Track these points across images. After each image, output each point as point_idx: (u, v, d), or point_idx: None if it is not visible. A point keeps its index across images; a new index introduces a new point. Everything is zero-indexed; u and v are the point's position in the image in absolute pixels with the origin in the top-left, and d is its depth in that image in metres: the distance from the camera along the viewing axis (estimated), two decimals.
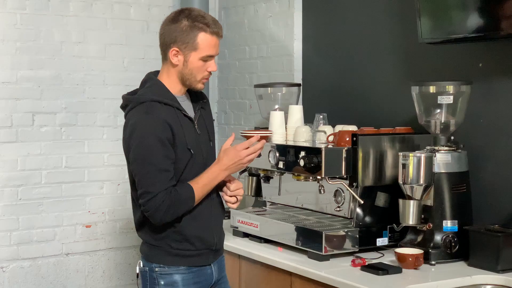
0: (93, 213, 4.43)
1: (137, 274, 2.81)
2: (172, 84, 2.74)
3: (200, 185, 2.69)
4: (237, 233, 3.52)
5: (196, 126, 2.76)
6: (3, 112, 4.12)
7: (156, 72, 2.83)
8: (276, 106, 3.76)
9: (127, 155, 2.71)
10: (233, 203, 2.81)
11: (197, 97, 2.85)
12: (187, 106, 2.78)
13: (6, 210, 4.15)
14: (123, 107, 2.78)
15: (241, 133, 3.55)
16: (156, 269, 2.72)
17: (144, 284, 2.77)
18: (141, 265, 2.78)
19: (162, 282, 2.72)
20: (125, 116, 2.75)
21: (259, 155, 2.84)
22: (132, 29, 4.51)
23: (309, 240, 3.07)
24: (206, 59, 2.71)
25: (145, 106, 2.66)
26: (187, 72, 2.72)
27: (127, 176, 2.79)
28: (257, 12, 4.39)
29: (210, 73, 2.76)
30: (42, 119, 4.24)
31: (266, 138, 2.85)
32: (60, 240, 4.33)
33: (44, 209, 4.26)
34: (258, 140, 2.77)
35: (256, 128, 3.64)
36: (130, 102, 2.72)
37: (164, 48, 2.75)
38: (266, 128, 3.58)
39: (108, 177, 4.47)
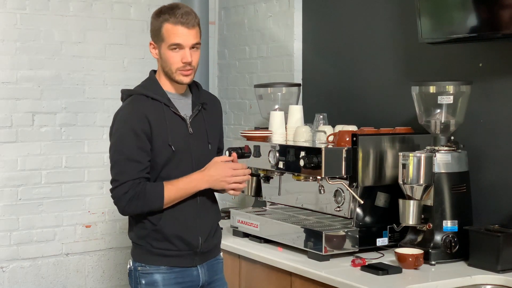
0: (93, 213, 4.42)
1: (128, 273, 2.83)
2: (163, 79, 2.79)
3: (175, 187, 2.68)
4: (237, 233, 3.52)
5: (189, 126, 2.75)
6: (3, 112, 4.12)
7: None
8: (276, 106, 3.76)
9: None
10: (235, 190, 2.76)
11: (199, 98, 2.84)
12: (183, 105, 2.78)
13: (6, 210, 4.15)
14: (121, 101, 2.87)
15: (241, 133, 3.56)
16: (139, 268, 2.73)
17: (131, 283, 2.79)
18: (130, 264, 2.79)
19: (143, 281, 2.72)
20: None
21: (242, 191, 2.81)
22: (132, 29, 4.51)
23: (309, 240, 3.07)
24: (173, 48, 2.70)
25: (131, 98, 2.75)
26: (164, 64, 2.75)
27: None
28: (257, 12, 4.39)
29: (186, 64, 2.71)
30: (42, 119, 4.23)
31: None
32: (60, 240, 4.33)
33: (44, 209, 4.26)
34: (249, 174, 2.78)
35: (256, 128, 3.64)
36: (123, 95, 2.82)
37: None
38: (266, 128, 3.58)
39: (108, 177, 4.43)
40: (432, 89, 3.02)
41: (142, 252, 2.73)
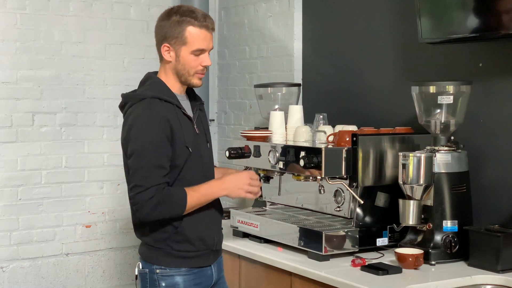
0: (93, 213, 4.43)
1: (136, 276, 2.80)
2: (170, 82, 2.76)
3: (197, 193, 2.68)
4: (237, 233, 3.52)
5: (195, 126, 2.76)
6: (3, 112, 4.12)
7: (156, 72, 2.84)
8: (276, 106, 3.76)
9: (125, 151, 2.70)
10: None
11: (195, 98, 2.86)
12: (186, 106, 2.79)
13: (6, 210, 4.15)
14: (122, 106, 2.79)
15: (241, 133, 3.56)
16: (157, 271, 2.71)
17: (144, 286, 2.76)
18: (140, 267, 2.77)
19: (163, 284, 2.71)
20: (125, 114, 2.75)
21: (260, 196, 2.93)
22: (132, 29, 4.51)
23: (309, 240, 3.07)
24: (197, 53, 2.71)
25: (145, 102, 2.66)
26: (180, 67, 2.73)
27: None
28: (257, 12, 4.39)
29: (204, 68, 2.75)
30: (42, 119, 4.24)
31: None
32: (60, 240, 4.33)
33: (44, 209, 4.26)
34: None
35: (256, 128, 3.64)
36: (130, 99, 2.73)
37: (158, 46, 2.77)
38: (266, 128, 3.58)
39: (108, 177, 4.47)
40: (432, 89, 3.02)
41: (161, 254, 2.71)
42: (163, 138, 2.62)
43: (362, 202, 3.06)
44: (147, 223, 2.70)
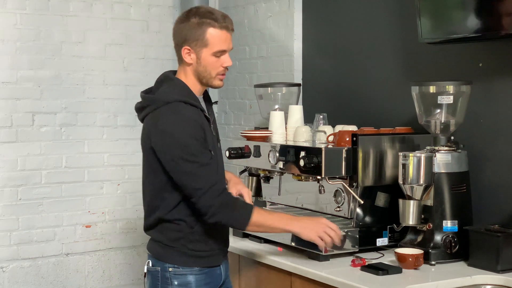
0: (93, 213, 4.43)
1: (145, 273, 2.80)
2: (191, 83, 2.75)
3: (266, 213, 2.76)
4: (237, 233, 3.52)
5: (212, 127, 2.78)
6: (3, 112, 4.12)
7: (173, 72, 2.82)
8: (276, 106, 3.76)
9: (154, 154, 2.67)
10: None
11: (209, 98, 2.88)
12: (205, 107, 2.80)
13: (6, 210, 4.15)
14: (141, 107, 2.76)
15: (241, 133, 3.56)
16: (170, 269, 2.72)
17: (155, 284, 2.76)
18: (150, 265, 2.77)
19: (176, 282, 2.72)
20: (144, 117, 2.73)
21: (335, 245, 2.88)
22: (132, 29, 4.52)
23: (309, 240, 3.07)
24: (218, 54, 2.73)
25: (172, 106, 2.64)
26: (202, 69, 2.73)
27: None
28: (257, 12, 4.39)
29: (226, 68, 2.77)
30: (42, 119, 4.24)
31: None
32: (60, 240, 4.33)
33: (44, 209, 4.26)
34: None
35: (256, 128, 3.64)
36: (153, 103, 2.70)
37: (178, 48, 2.75)
38: (266, 128, 3.58)
39: (108, 177, 4.47)
40: (432, 89, 3.02)
41: (175, 253, 2.72)
42: (199, 139, 2.63)
43: (362, 202, 3.06)
44: (160, 222, 2.71)
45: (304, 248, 3.10)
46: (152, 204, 2.75)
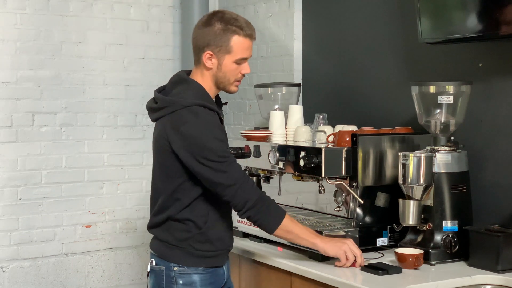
0: (93, 213, 4.43)
1: (148, 272, 2.81)
2: (207, 86, 2.75)
3: (296, 226, 2.77)
4: (237, 233, 3.52)
5: (225, 129, 2.81)
6: (3, 112, 4.12)
7: (186, 72, 2.82)
8: (276, 106, 3.76)
9: (171, 156, 2.67)
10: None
11: (220, 101, 2.89)
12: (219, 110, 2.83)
13: (6, 210, 4.15)
14: (156, 108, 2.73)
15: (241, 133, 3.56)
16: (175, 268, 2.73)
17: (159, 283, 2.76)
18: (154, 263, 2.78)
19: (181, 282, 2.73)
20: (159, 118, 2.72)
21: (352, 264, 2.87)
22: (132, 29, 4.52)
23: None
24: (239, 62, 2.74)
25: (191, 110, 2.64)
26: (221, 75, 2.74)
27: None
28: (257, 12, 4.39)
29: (243, 75, 2.78)
30: (42, 119, 4.24)
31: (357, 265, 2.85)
32: (60, 240, 4.33)
33: (44, 209, 4.26)
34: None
35: (256, 128, 3.64)
36: (171, 105, 2.68)
37: (198, 51, 2.74)
38: (266, 128, 3.58)
39: (108, 177, 4.47)
40: (432, 89, 3.02)
41: (182, 253, 2.73)
42: (223, 140, 2.68)
43: (362, 202, 3.06)
44: (168, 222, 2.73)
45: (304, 248, 3.10)
46: (163, 205, 2.75)
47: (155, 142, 2.77)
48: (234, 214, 2.92)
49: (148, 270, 2.80)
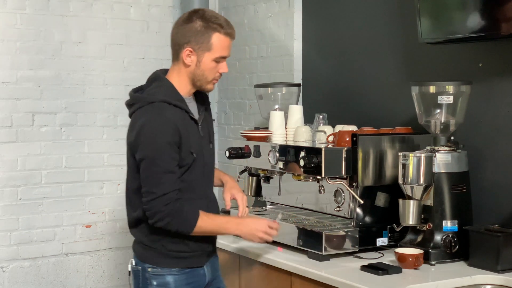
0: (93, 213, 4.43)
1: (129, 272, 2.82)
2: (182, 84, 2.75)
3: (210, 221, 2.73)
4: None
5: (199, 128, 2.77)
6: (3, 112, 4.12)
7: (165, 71, 2.82)
8: (276, 106, 3.76)
9: (131, 152, 2.70)
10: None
11: (202, 98, 2.86)
12: (193, 108, 2.79)
13: (6, 210, 4.15)
14: (129, 104, 2.78)
15: (241, 133, 3.56)
16: (149, 269, 2.74)
17: (137, 283, 2.79)
18: (133, 264, 2.80)
19: (155, 283, 2.74)
20: (131, 114, 2.75)
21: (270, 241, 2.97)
22: (132, 29, 4.52)
23: (309, 240, 3.07)
24: (218, 60, 2.74)
25: (154, 106, 2.66)
26: (199, 73, 2.73)
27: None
28: (257, 12, 4.39)
29: (221, 74, 2.78)
30: (42, 119, 4.24)
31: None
32: (60, 240, 4.33)
33: (44, 209, 4.26)
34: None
35: (256, 128, 3.64)
36: (138, 101, 2.72)
37: (177, 48, 2.74)
38: (266, 128, 3.58)
39: (108, 177, 4.47)
40: (432, 89, 3.02)
41: (155, 254, 2.74)
42: (172, 144, 2.63)
43: (362, 202, 3.06)
44: (144, 222, 2.72)
45: (304, 248, 3.11)
46: (133, 203, 2.76)
47: (126, 138, 2.78)
48: (236, 213, 2.92)
49: (129, 270, 2.82)
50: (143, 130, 2.64)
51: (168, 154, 2.63)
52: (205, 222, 2.70)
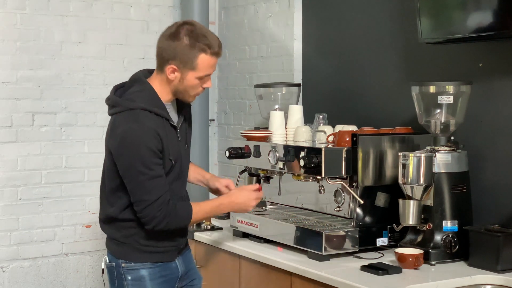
0: (93, 213, 4.42)
1: (103, 269, 2.87)
2: (163, 92, 2.75)
3: (203, 211, 2.81)
4: (237, 233, 3.52)
5: (178, 133, 2.79)
6: (3, 112, 4.12)
7: (147, 73, 2.81)
8: (276, 106, 3.76)
9: (111, 156, 2.71)
10: None
11: (182, 103, 2.87)
12: (173, 113, 2.81)
13: (6, 210, 4.15)
14: (109, 104, 2.77)
15: (241, 133, 3.56)
16: (123, 265, 2.79)
17: (112, 279, 2.84)
18: (107, 261, 2.84)
19: (129, 277, 2.79)
20: (111, 116, 2.75)
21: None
22: (132, 29, 4.52)
23: (309, 240, 3.07)
24: (203, 78, 2.73)
25: (134, 113, 2.66)
26: (182, 88, 2.74)
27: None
28: (257, 12, 4.39)
29: (204, 88, 2.78)
30: (42, 119, 4.24)
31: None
32: (60, 240, 4.33)
33: (44, 209, 4.26)
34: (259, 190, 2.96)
35: (256, 128, 3.64)
36: (117, 105, 2.71)
37: (161, 61, 2.73)
38: (266, 128, 3.58)
39: None
40: (432, 89, 3.02)
41: (128, 250, 2.79)
42: (155, 151, 2.65)
43: (362, 202, 3.06)
44: (115, 219, 2.76)
45: (304, 248, 3.11)
46: (107, 201, 2.79)
47: (105, 138, 2.80)
48: (236, 213, 2.92)
49: (102, 267, 2.86)
50: (125, 140, 2.64)
51: (152, 161, 2.65)
52: (198, 212, 2.79)
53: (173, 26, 2.76)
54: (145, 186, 2.65)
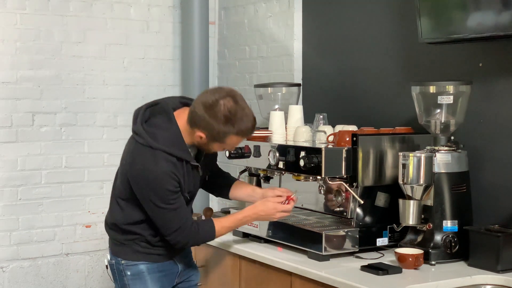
0: (93, 213, 4.42)
1: (106, 266, 3.02)
2: (188, 137, 2.78)
3: (226, 224, 2.91)
4: (237, 233, 3.52)
5: (200, 169, 2.87)
6: (3, 112, 4.12)
7: (179, 103, 2.84)
8: (276, 106, 3.76)
9: (127, 178, 2.80)
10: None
11: None
12: (194, 151, 2.88)
13: (6, 210, 4.15)
14: (133, 130, 2.81)
15: None
16: (122, 262, 2.92)
17: (114, 276, 2.99)
18: (109, 258, 2.98)
19: (129, 273, 2.92)
20: (133, 136, 2.80)
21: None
22: (132, 29, 4.51)
23: (309, 240, 3.07)
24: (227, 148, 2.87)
25: (155, 154, 2.71)
26: (205, 148, 2.83)
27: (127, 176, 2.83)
28: (257, 12, 4.39)
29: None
30: (42, 119, 4.23)
31: (295, 200, 3.00)
32: (60, 240, 4.33)
33: (44, 209, 4.26)
34: (287, 202, 2.97)
35: (256, 128, 3.64)
36: (140, 136, 2.75)
37: (192, 122, 2.74)
38: (266, 128, 3.58)
39: (108, 177, 4.45)
40: (432, 89, 3.02)
41: (128, 250, 2.91)
42: (173, 190, 2.74)
43: (362, 202, 3.06)
44: (121, 225, 2.89)
45: (304, 248, 3.10)
46: (121, 206, 2.89)
47: (123, 154, 2.89)
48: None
49: (106, 264, 3.01)
50: (144, 179, 2.73)
51: (170, 198, 2.75)
52: (222, 229, 2.91)
53: (215, 93, 2.74)
54: (165, 218, 2.77)
